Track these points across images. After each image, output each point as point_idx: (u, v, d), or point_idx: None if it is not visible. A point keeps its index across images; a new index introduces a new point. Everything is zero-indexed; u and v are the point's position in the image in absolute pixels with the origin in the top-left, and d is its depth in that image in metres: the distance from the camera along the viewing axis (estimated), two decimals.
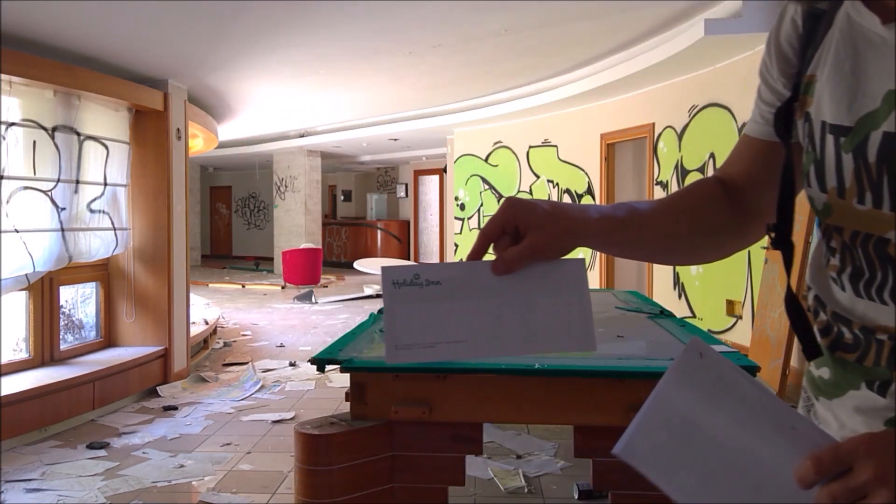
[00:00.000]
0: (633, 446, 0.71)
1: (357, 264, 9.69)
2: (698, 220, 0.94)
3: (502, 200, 0.85)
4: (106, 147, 5.19)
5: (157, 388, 5.37)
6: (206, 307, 8.39)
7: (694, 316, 6.24)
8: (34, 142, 4.52)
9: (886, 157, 0.72)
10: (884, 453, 0.60)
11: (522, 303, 0.82)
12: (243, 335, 7.88)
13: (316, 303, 10.50)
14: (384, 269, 0.82)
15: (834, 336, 0.81)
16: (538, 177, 8.96)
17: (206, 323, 7.04)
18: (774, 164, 0.89)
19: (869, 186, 0.74)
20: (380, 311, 3.45)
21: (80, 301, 5.41)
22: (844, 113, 0.76)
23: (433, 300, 0.81)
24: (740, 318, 5.64)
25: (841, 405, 0.81)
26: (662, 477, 0.71)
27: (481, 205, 10.06)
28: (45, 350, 4.87)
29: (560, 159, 8.53)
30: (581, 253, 8.54)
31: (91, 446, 4.12)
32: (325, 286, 12.57)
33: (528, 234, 0.81)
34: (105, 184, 5.20)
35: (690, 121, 6.23)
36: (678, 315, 3.57)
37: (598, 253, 7.74)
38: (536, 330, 0.82)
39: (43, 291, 4.86)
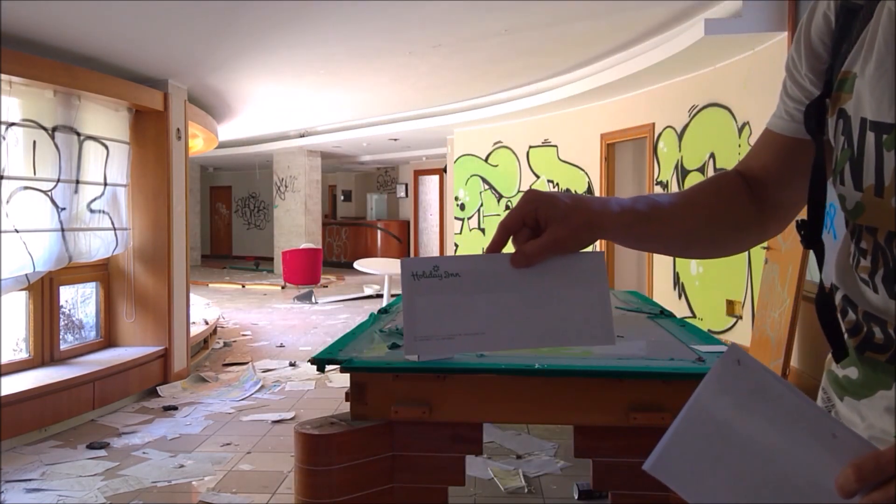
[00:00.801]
0: (664, 461, 0.70)
1: (357, 264, 9.68)
2: (719, 215, 0.94)
3: (524, 193, 0.85)
4: (106, 147, 5.20)
5: (157, 388, 5.37)
6: (206, 307, 8.39)
7: (694, 316, 6.24)
8: (34, 142, 4.52)
9: None
10: None
11: (542, 296, 0.81)
12: (243, 335, 7.88)
13: (316, 303, 10.50)
14: (404, 260, 0.82)
15: (864, 336, 0.80)
16: (538, 177, 8.96)
17: (206, 323, 7.04)
18: (797, 160, 0.89)
19: None
20: (380, 311, 3.45)
21: (80, 301, 5.41)
22: (886, 110, 0.75)
23: (452, 292, 0.81)
24: (740, 318, 5.64)
25: (870, 405, 0.80)
26: (693, 493, 0.70)
27: (481, 205, 10.06)
28: (45, 350, 4.87)
29: (560, 159, 8.53)
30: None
31: (91, 446, 4.12)
32: (325, 286, 12.57)
33: (548, 227, 0.81)
34: (105, 184, 5.20)
35: (690, 121, 6.23)
36: (678, 315, 3.58)
37: None
38: (555, 324, 0.81)
39: (43, 291, 4.86)
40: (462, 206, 10.43)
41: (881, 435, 0.77)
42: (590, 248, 0.84)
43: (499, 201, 9.70)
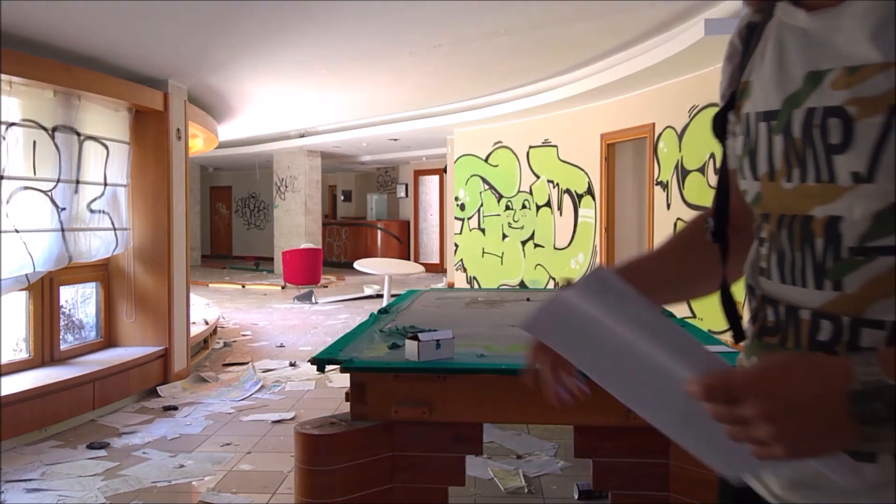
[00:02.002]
0: (536, 324, 0.77)
1: (357, 264, 9.68)
2: (691, 259, 1.04)
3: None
4: (106, 147, 5.19)
5: (157, 388, 5.37)
6: (206, 307, 8.39)
7: (694, 316, 6.24)
8: (34, 142, 4.52)
9: (808, 130, 0.79)
10: (771, 395, 0.66)
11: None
12: (243, 335, 7.88)
13: (316, 303, 10.50)
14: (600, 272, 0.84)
15: (761, 321, 0.87)
16: (538, 177, 8.96)
17: (206, 323, 7.04)
18: None
19: (796, 162, 0.81)
20: (380, 311, 3.45)
21: (80, 301, 5.41)
22: (773, 99, 0.84)
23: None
24: (741, 318, 5.64)
25: None
26: (563, 348, 0.78)
27: (481, 205, 10.06)
28: (45, 350, 4.87)
29: (560, 159, 8.53)
30: (581, 253, 8.49)
31: (91, 446, 4.12)
32: (325, 286, 12.57)
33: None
34: (105, 184, 5.20)
35: (690, 121, 6.23)
36: (678, 315, 3.58)
37: (598, 253, 7.74)
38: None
39: (43, 291, 4.86)
40: (462, 207, 10.43)
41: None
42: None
43: (499, 201, 9.70)
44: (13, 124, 4.39)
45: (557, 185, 8.58)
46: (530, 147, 9.08)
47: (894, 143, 0.72)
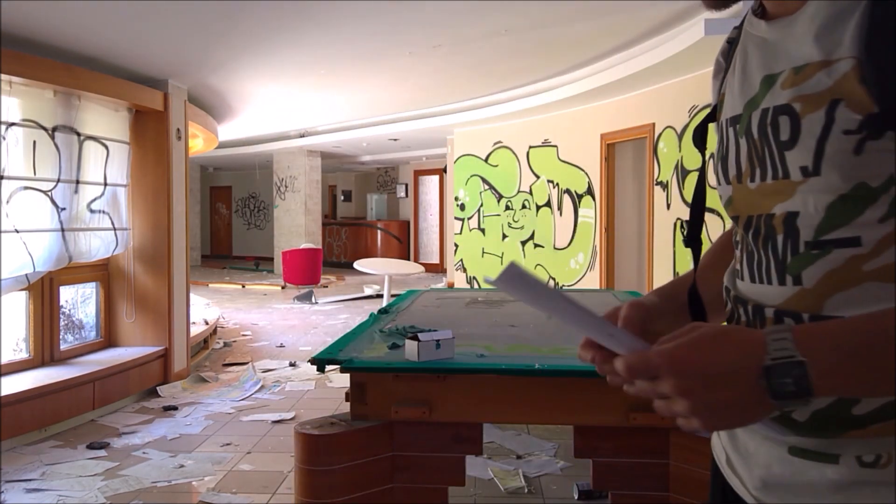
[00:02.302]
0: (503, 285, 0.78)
1: (357, 264, 9.68)
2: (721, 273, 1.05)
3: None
4: (106, 147, 5.19)
5: (157, 388, 5.37)
6: (206, 307, 8.39)
7: None
8: (34, 142, 4.52)
9: (763, 129, 0.83)
10: (686, 372, 0.69)
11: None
12: (243, 335, 7.88)
13: (316, 303, 10.50)
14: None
15: (735, 321, 0.90)
16: (538, 177, 8.96)
17: (206, 323, 7.04)
18: None
19: (757, 162, 0.84)
20: (380, 311, 3.45)
21: (80, 301, 5.41)
22: (738, 104, 0.88)
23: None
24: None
25: None
26: (532, 305, 0.80)
27: (481, 205, 10.06)
28: (45, 350, 4.87)
29: (560, 159, 8.53)
30: (581, 253, 8.48)
31: (91, 446, 4.12)
32: (325, 286, 12.57)
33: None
34: (105, 184, 5.20)
35: (690, 121, 6.23)
36: None
37: (599, 253, 7.74)
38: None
39: (43, 291, 4.86)
40: (462, 207, 10.43)
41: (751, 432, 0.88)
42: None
43: (499, 201, 9.70)
44: (13, 124, 4.39)
45: (557, 185, 8.58)
46: (530, 147, 9.08)
47: (835, 136, 0.75)
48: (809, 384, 0.67)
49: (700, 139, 0.99)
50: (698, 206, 0.99)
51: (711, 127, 0.99)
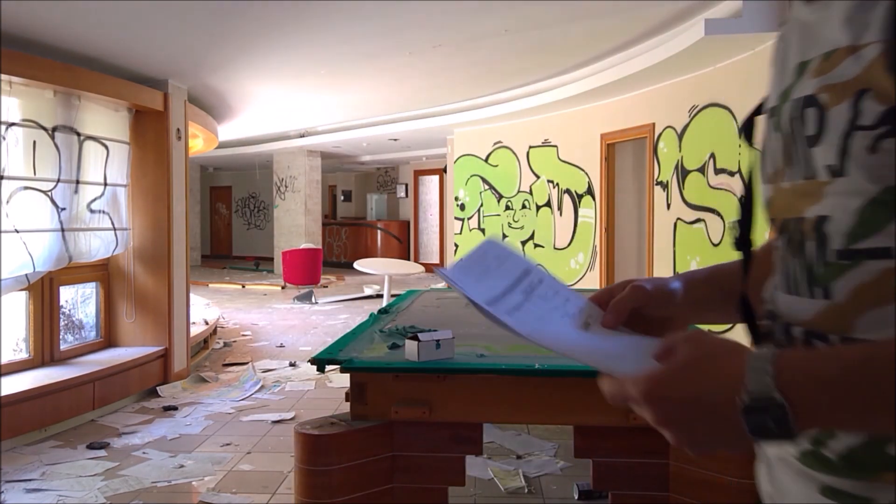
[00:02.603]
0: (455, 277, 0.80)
1: (357, 264, 9.68)
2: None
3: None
4: (106, 147, 5.19)
5: (157, 388, 5.37)
6: (206, 307, 8.39)
7: None
8: (34, 142, 4.52)
9: (792, 122, 0.74)
10: (659, 403, 0.67)
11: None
12: (243, 335, 7.88)
13: (316, 303, 10.50)
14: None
15: (769, 334, 0.83)
16: (538, 177, 8.96)
17: (206, 323, 7.04)
18: None
19: (789, 160, 0.76)
20: (380, 311, 3.45)
21: (80, 301, 5.41)
22: (774, 95, 0.81)
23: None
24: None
25: None
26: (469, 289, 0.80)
27: (481, 205, 10.06)
28: (45, 350, 4.87)
29: (560, 159, 8.53)
30: (581, 253, 8.48)
31: (91, 446, 4.12)
32: (325, 286, 12.57)
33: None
34: (105, 184, 5.20)
35: (690, 121, 6.23)
36: None
37: (598, 253, 7.74)
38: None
39: (43, 291, 4.86)
40: (462, 207, 10.43)
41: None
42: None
43: (499, 201, 9.70)
44: (13, 124, 4.38)
45: (557, 185, 8.58)
46: (530, 147, 9.08)
47: (863, 131, 0.66)
48: (790, 426, 0.62)
49: (748, 133, 0.90)
50: (748, 206, 0.88)
51: (761, 120, 0.90)
